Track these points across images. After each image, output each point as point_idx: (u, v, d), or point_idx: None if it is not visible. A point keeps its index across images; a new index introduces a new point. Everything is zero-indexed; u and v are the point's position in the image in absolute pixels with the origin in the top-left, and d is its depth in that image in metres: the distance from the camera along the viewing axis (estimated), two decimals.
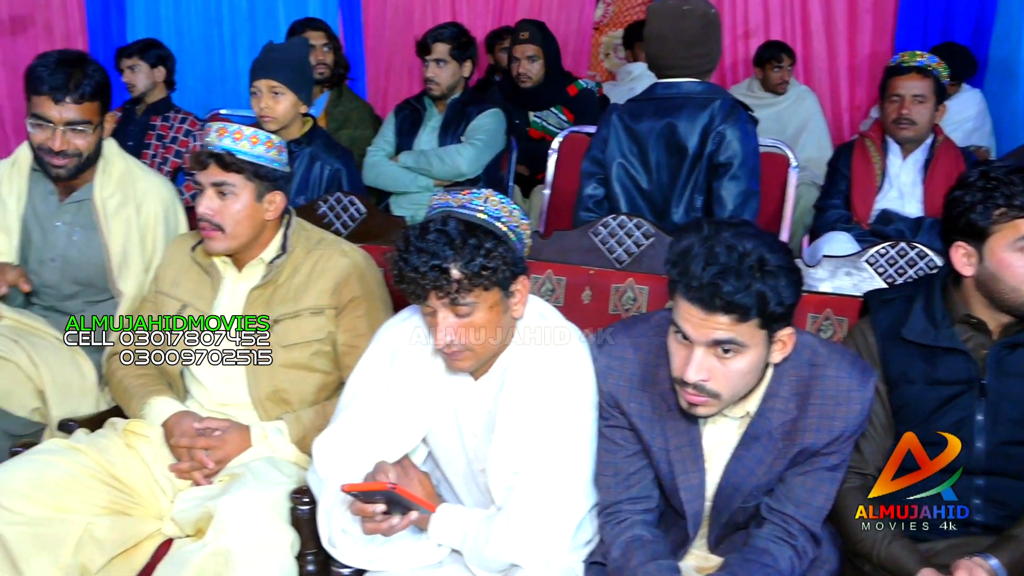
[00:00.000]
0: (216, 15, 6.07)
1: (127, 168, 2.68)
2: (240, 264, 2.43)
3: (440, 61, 3.97)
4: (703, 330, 1.70)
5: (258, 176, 2.34)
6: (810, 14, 5.52)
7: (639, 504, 1.92)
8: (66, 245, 2.63)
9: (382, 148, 4.04)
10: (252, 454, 2.28)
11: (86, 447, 2.25)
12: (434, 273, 1.82)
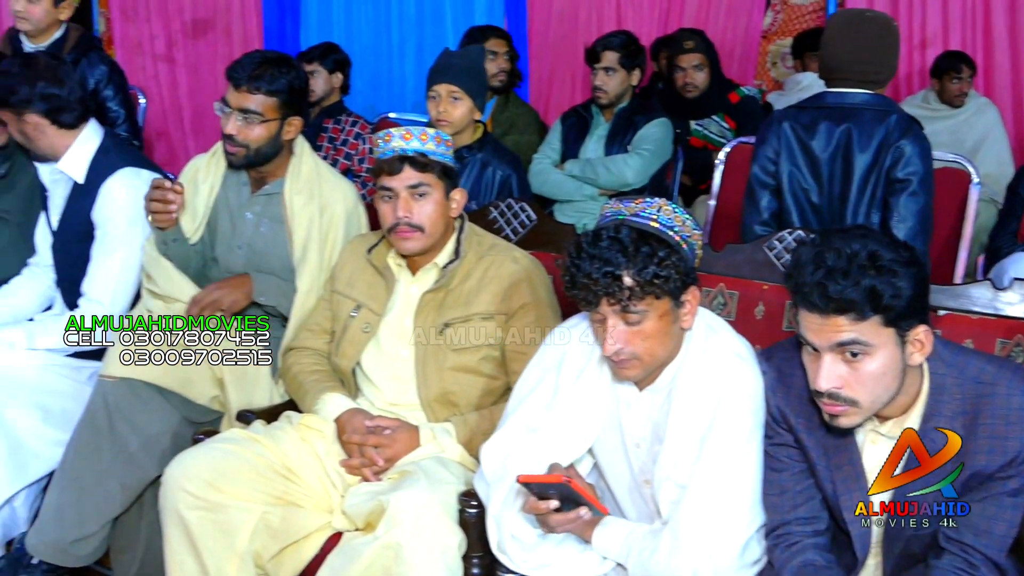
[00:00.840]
0: (385, 21, 6.22)
1: (316, 169, 2.78)
2: (414, 268, 2.49)
3: (609, 69, 3.97)
4: (824, 335, 1.68)
5: (445, 174, 2.41)
6: (993, 23, 5.27)
7: (809, 525, 1.88)
8: (253, 235, 2.75)
9: (548, 156, 4.07)
10: (421, 453, 2.32)
11: (264, 438, 2.34)
12: (606, 280, 1.83)
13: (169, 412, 2.47)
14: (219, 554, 2.21)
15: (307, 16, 6.39)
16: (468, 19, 6.07)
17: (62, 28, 3.86)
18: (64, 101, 2.80)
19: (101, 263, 2.79)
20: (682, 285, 1.91)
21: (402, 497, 2.09)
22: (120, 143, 3.02)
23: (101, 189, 2.79)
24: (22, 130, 2.79)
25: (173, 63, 6.40)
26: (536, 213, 2.86)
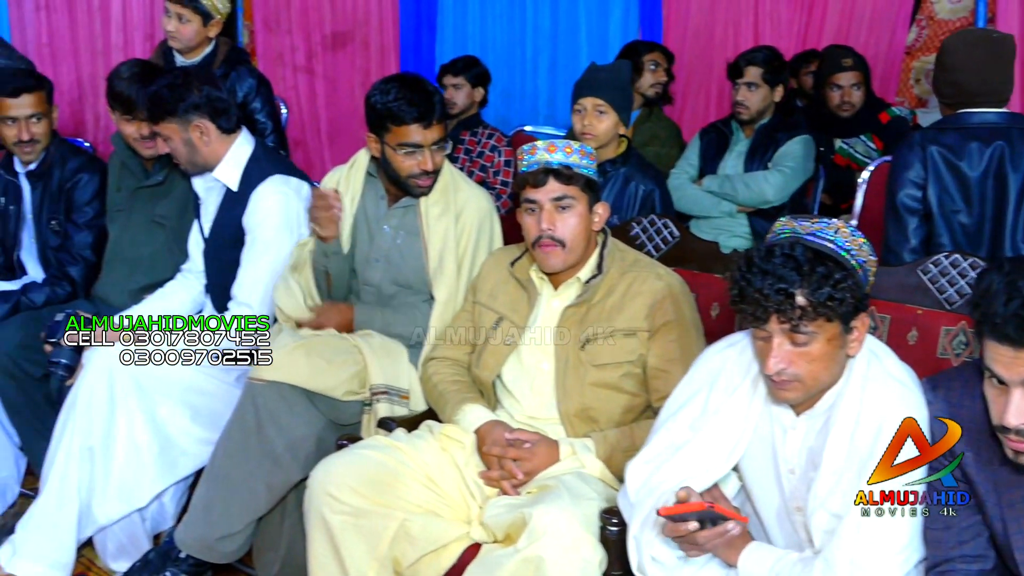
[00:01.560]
0: (520, 35, 6.27)
1: (451, 178, 2.81)
2: (557, 282, 2.50)
3: (752, 85, 3.93)
4: (1016, 369, 1.60)
5: (589, 187, 2.42)
6: None
7: (975, 564, 1.80)
8: (390, 248, 2.79)
9: (685, 171, 4.04)
10: (560, 468, 2.32)
11: (405, 446, 2.37)
12: (779, 296, 1.79)
13: (315, 415, 2.52)
14: (360, 558, 2.25)
15: (443, 29, 6.48)
16: (603, 34, 6.08)
17: (212, 44, 3.98)
18: (226, 104, 2.91)
19: (250, 267, 2.86)
20: (854, 310, 1.86)
21: (545, 511, 2.08)
22: (269, 151, 3.11)
23: (252, 195, 2.87)
24: (187, 139, 2.87)
25: (312, 74, 6.56)
26: (679, 229, 2.84)
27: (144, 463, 2.71)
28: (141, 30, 6.06)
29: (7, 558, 2.70)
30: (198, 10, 3.81)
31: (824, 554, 1.86)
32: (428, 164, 2.68)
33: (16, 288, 3.30)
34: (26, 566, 2.68)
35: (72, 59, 5.85)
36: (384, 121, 2.66)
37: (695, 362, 2.13)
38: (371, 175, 2.85)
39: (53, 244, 3.36)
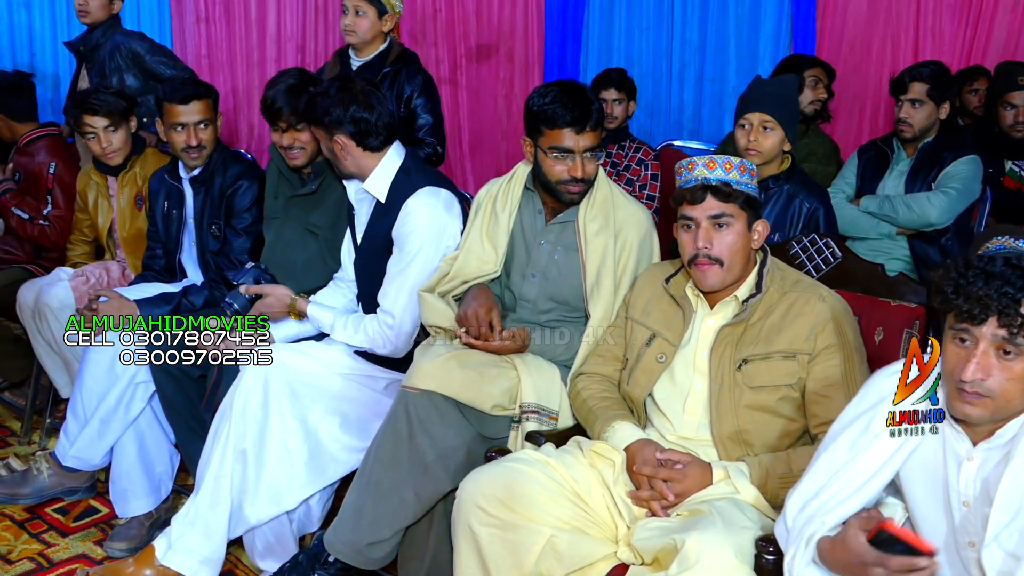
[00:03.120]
0: (667, 48, 6.23)
1: (610, 194, 2.81)
2: (713, 300, 2.47)
3: (916, 101, 3.81)
4: None
5: (748, 205, 2.38)
6: None
7: None
8: (547, 263, 2.80)
9: (842, 190, 3.95)
10: (713, 492, 2.28)
11: (554, 461, 2.36)
12: (1004, 300, 1.72)
13: (465, 427, 2.54)
14: (506, 572, 2.25)
15: (588, 42, 6.50)
16: (753, 47, 6.00)
17: (387, 42, 4.17)
18: (372, 126, 2.93)
19: (395, 278, 2.91)
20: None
21: (699, 538, 2.04)
22: (420, 163, 3.15)
23: (402, 207, 2.91)
24: (331, 148, 2.95)
25: (456, 86, 6.67)
26: (841, 250, 2.77)
27: (295, 467, 2.79)
28: (294, 42, 6.28)
29: (163, 551, 2.81)
30: (375, 2, 4.01)
31: None
32: (579, 171, 2.68)
33: (177, 290, 3.43)
34: (180, 560, 2.79)
35: (228, 70, 6.10)
36: (539, 124, 2.69)
37: (863, 386, 2.05)
38: (528, 189, 2.87)
39: (212, 248, 3.48)
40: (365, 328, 2.91)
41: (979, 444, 1.86)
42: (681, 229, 2.44)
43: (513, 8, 6.56)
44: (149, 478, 3.30)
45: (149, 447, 3.32)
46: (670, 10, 6.25)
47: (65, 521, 3.35)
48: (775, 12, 5.96)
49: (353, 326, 2.94)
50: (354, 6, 4.03)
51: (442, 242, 2.92)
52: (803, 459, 2.26)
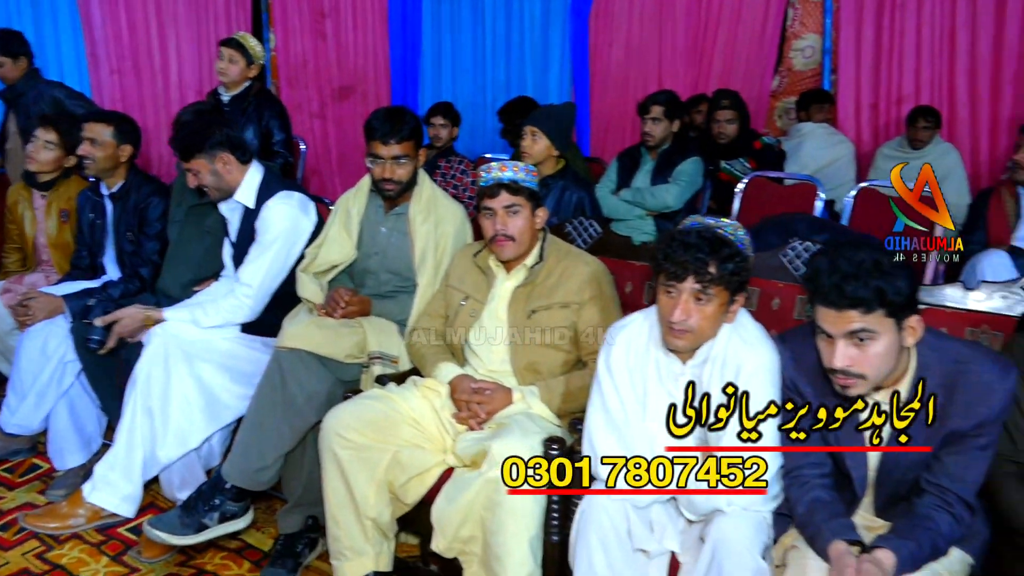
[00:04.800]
0: (482, 85, 6.25)
1: (433, 195, 2.78)
2: (509, 268, 2.47)
3: (655, 119, 3.91)
4: (839, 325, 1.63)
5: (532, 196, 2.39)
6: (956, 84, 5.06)
7: (817, 469, 1.81)
8: (386, 244, 2.75)
9: (607, 186, 4.00)
10: (513, 409, 2.30)
11: (396, 396, 2.34)
12: (697, 263, 1.80)
13: (326, 374, 2.47)
14: (363, 482, 2.22)
15: (424, 81, 6.44)
16: (544, 86, 6.06)
17: (250, 82, 4.15)
18: (239, 139, 2.85)
19: (255, 260, 2.77)
20: (739, 286, 1.89)
21: (501, 443, 2.07)
22: (276, 175, 3.02)
23: (263, 207, 2.81)
24: (214, 171, 2.80)
25: (324, 119, 6.50)
26: (602, 228, 2.82)
27: (194, 415, 2.64)
28: (193, 88, 5.97)
29: (88, 491, 2.63)
30: (244, 54, 4.04)
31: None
32: (386, 173, 2.64)
33: (98, 285, 3.22)
34: (103, 497, 2.61)
35: (139, 112, 5.73)
36: (366, 137, 2.67)
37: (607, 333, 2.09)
38: (372, 192, 2.81)
39: (128, 250, 3.27)
40: (220, 308, 2.75)
41: (687, 363, 1.94)
42: (484, 216, 2.43)
43: (366, 57, 6.43)
44: (80, 436, 3.08)
45: (79, 412, 3.08)
46: (482, 57, 6.26)
47: (12, 478, 3.09)
48: (559, 58, 6.05)
49: (211, 312, 2.75)
50: (228, 55, 4.05)
51: (297, 234, 2.82)
52: (577, 380, 2.32)
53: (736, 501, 1.82)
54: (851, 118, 5.37)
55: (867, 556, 1.58)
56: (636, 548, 1.90)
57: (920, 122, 4.70)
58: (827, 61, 5.47)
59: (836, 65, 5.42)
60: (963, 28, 4.96)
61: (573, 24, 5.95)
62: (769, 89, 5.63)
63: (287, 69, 6.48)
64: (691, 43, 5.69)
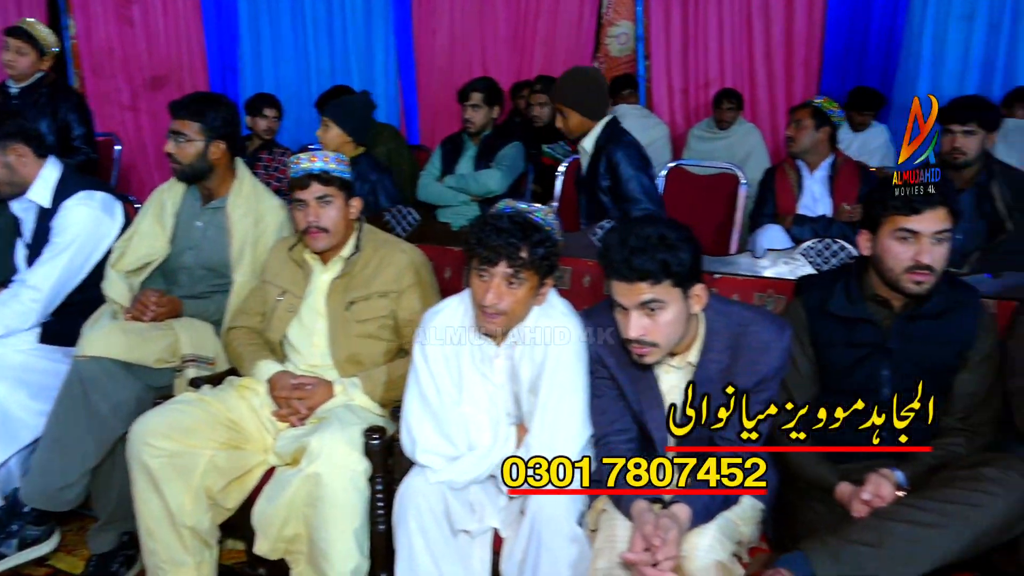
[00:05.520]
0: (305, 74, 6.08)
1: (255, 190, 2.69)
2: (325, 260, 2.42)
3: (475, 106, 3.94)
4: (630, 297, 1.72)
5: (344, 187, 2.35)
6: (756, 68, 5.44)
7: (622, 435, 1.89)
8: (201, 239, 2.64)
9: (431, 173, 4.01)
10: (334, 403, 2.27)
11: (210, 398, 2.25)
12: (510, 248, 1.83)
13: (132, 382, 2.33)
14: (177, 490, 2.12)
15: (244, 71, 6.18)
16: (370, 74, 5.97)
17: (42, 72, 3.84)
18: (36, 130, 2.67)
19: (47, 262, 2.60)
20: (550, 269, 1.92)
21: (319, 437, 2.04)
22: (76, 173, 2.83)
23: (61, 207, 2.63)
24: (6, 162, 2.59)
25: (137, 111, 6.12)
26: (420, 215, 2.83)
27: None
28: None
29: None
30: (34, 45, 3.74)
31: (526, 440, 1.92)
32: (169, 148, 2.57)
33: None
34: None
35: None
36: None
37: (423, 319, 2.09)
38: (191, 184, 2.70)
39: None
40: (3, 315, 2.56)
41: (501, 345, 1.98)
42: (296, 208, 2.36)
43: (178, 45, 6.10)
44: None
45: None
46: (304, 45, 6.09)
47: None
48: (383, 46, 5.98)
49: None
50: (15, 46, 3.73)
51: (98, 237, 2.66)
52: (399, 368, 2.31)
53: None
54: (664, 102, 5.66)
55: (664, 511, 1.68)
56: (458, 529, 1.93)
57: (724, 104, 5.00)
58: (640, 48, 5.72)
59: (649, 51, 5.67)
60: (758, 16, 5.34)
61: (396, 11, 5.91)
62: None
63: (91, 58, 6.05)
64: (512, 31, 5.79)
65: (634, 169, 2.91)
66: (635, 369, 1.86)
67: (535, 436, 1.89)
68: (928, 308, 1.90)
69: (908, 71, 5.06)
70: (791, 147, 3.51)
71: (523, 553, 1.83)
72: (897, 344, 1.90)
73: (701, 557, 1.67)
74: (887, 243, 1.86)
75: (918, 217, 1.83)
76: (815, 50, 5.31)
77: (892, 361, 1.91)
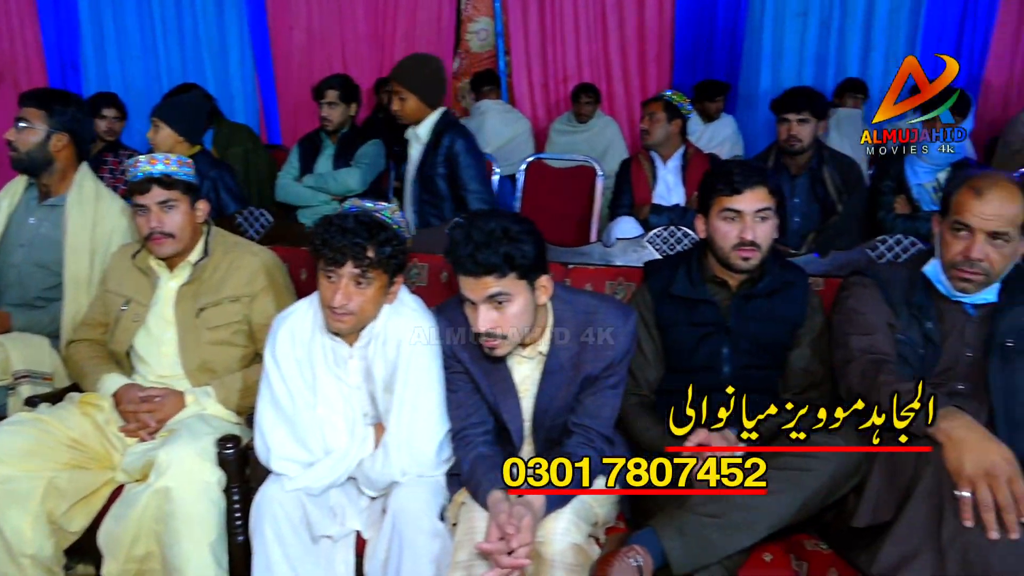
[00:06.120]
0: (154, 72, 5.77)
1: (96, 192, 2.56)
2: (172, 266, 2.32)
3: (331, 104, 3.86)
4: (478, 291, 1.74)
5: (189, 189, 2.25)
6: (611, 62, 5.59)
7: (479, 428, 1.91)
8: (33, 236, 2.52)
9: (289, 172, 3.90)
10: (186, 413, 2.18)
11: (48, 417, 2.11)
12: (356, 248, 1.79)
13: None
14: (14, 517, 1.98)
15: (87, 69, 5.81)
16: (224, 72, 5.75)
17: None
18: None
19: None
20: (398, 268, 1.91)
21: (167, 450, 1.96)
22: None
23: None
24: None
25: None
26: (273, 216, 2.75)
27: None
28: None
29: None
30: None
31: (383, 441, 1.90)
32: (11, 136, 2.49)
33: None
34: None
35: None
36: None
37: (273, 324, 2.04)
38: (32, 182, 2.58)
39: None
40: None
41: (354, 345, 1.95)
42: (137, 214, 2.25)
43: (12, 41, 5.66)
44: None
45: None
46: (152, 42, 5.77)
47: None
48: (238, 42, 5.75)
49: None
50: None
51: None
52: (255, 374, 2.23)
53: (410, 470, 1.88)
54: (526, 96, 5.73)
55: (518, 500, 1.70)
56: (319, 535, 1.89)
57: (582, 98, 5.11)
58: (500, 43, 5.77)
59: (509, 47, 5.73)
60: (611, 12, 5.48)
61: (250, 7, 5.70)
62: (450, 70, 5.81)
63: None
64: (372, 27, 5.70)
65: (473, 158, 2.94)
66: (488, 362, 1.88)
67: (392, 434, 1.88)
68: (760, 288, 2.01)
69: (751, 65, 5.33)
70: (646, 139, 3.63)
71: (386, 552, 1.82)
72: (735, 323, 2.01)
73: (557, 541, 1.70)
74: (715, 223, 1.98)
75: (740, 197, 1.94)
76: (667, 45, 5.51)
77: (731, 339, 2.01)
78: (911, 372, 1.88)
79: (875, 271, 2.02)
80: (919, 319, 1.92)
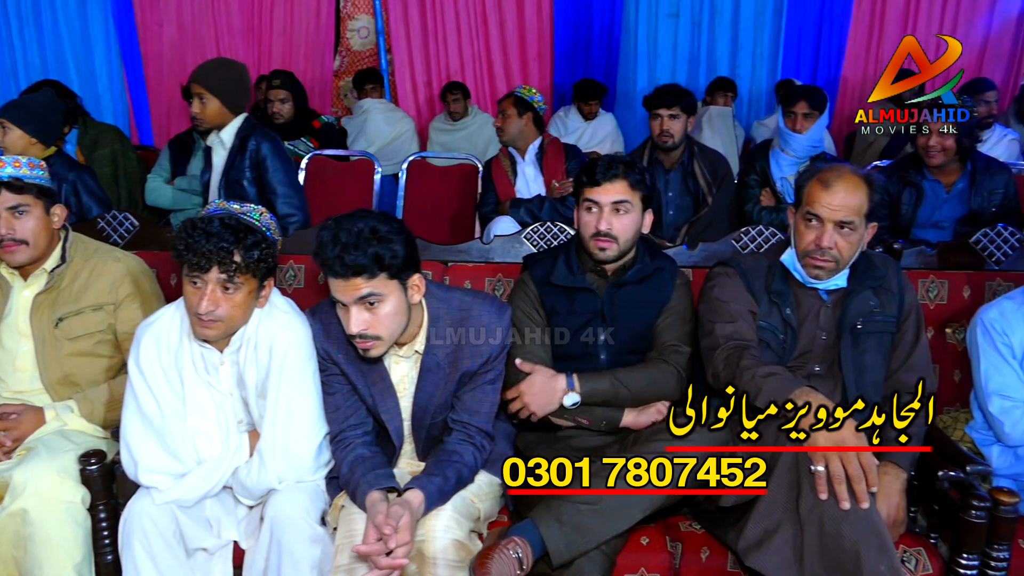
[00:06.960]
0: (11, 70, 5.43)
1: None
2: (26, 275, 2.18)
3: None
4: (348, 293, 1.71)
5: (43, 194, 2.12)
6: (493, 61, 5.63)
7: (358, 429, 1.88)
8: None
9: (160, 175, 3.74)
10: (46, 429, 2.05)
11: None
12: (222, 253, 1.73)
13: None
14: None
15: None
16: (89, 70, 5.46)
17: None
18: None
19: None
20: (267, 272, 1.85)
21: (22, 470, 1.85)
22: None
23: None
24: None
25: None
26: (139, 220, 2.62)
27: None
28: None
29: None
30: None
31: (257, 448, 1.85)
32: None
33: None
34: None
35: None
36: None
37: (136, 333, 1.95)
38: None
39: None
40: None
41: (224, 351, 1.89)
42: None
43: None
44: None
45: None
46: (8, 38, 5.44)
47: None
48: (103, 38, 5.50)
49: None
50: None
51: None
52: (122, 385, 2.12)
53: (287, 477, 1.83)
54: (409, 95, 5.70)
55: (397, 499, 1.69)
56: (193, 548, 1.82)
57: (449, 96, 5.11)
58: (382, 41, 5.71)
59: (390, 45, 5.68)
60: (491, 11, 5.51)
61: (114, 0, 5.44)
62: (332, 69, 5.71)
63: None
64: (247, 23, 5.55)
65: (281, 161, 2.90)
66: (364, 363, 1.85)
67: (267, 441, 1.83)
68: (631, 275, 2.07)
69: (628, 63, 5.48)
70: (501, 137, 3.66)
71: (264, 561, 1.78)
72: (610, 310, 2.06)
73: (438, 538, 1.70)
74: (579, 213, 2.05)
75: (599, 189, 2.00)
76: (546, 44, 5.59)
77: (607, 327, 2.06)
78: (773, 356, 1.98)
79: (737, 261, 2.11)
80: (779, 306, 2.02)
